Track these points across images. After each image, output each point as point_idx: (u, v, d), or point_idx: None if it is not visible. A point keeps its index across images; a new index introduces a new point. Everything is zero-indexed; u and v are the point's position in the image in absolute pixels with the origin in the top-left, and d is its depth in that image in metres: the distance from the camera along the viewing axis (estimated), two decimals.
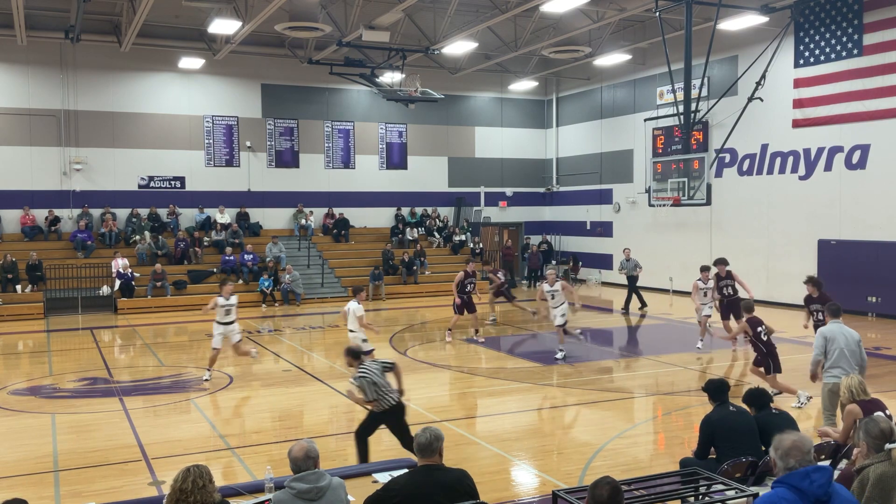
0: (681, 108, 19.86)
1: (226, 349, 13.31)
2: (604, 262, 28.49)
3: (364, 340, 12.07)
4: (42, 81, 23.68)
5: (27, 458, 8.85)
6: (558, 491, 5.34)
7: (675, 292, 24.50)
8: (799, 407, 9.97)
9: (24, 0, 18.77)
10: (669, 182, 21.37)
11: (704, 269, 15.61)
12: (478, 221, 29.81)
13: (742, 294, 14.80)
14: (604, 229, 28.57)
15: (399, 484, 4.96)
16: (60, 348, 16.62)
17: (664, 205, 22.09)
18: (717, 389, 6.83)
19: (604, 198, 28.51)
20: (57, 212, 23.90)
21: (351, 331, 12.45)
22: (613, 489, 4.08)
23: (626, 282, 21.74)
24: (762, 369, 10.84)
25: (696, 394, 11.60)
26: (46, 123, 23.74)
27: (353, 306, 12.40)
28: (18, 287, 21.39)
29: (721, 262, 15.63)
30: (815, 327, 11.71)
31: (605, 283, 28.11)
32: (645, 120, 25.45)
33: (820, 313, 11.44)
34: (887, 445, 4.72)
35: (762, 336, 10.64)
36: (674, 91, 19.86)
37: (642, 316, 20.50)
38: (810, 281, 12.54)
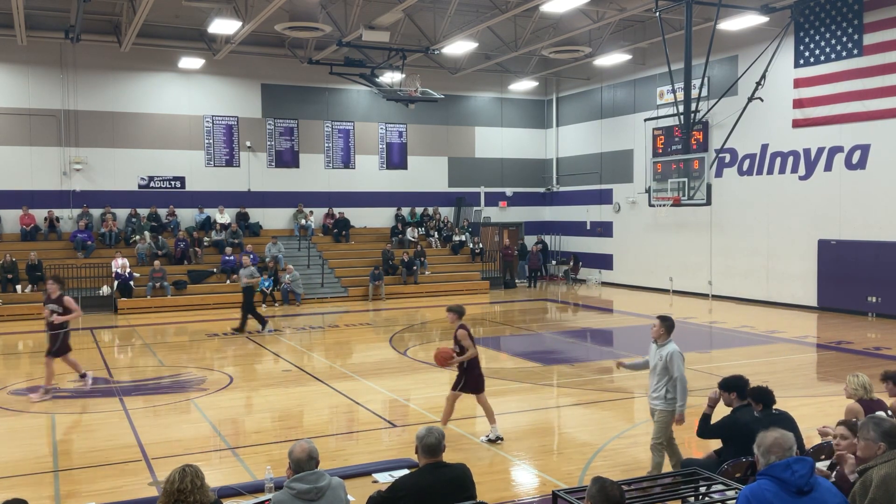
0: (681, 108, 19.85)
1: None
2: (604, 262, 28.49)
3: None
4: (42, 81, 23.68)
5: (27, 458, 8.84)
6: (558, 491, 5.33)
7: (675, 292, 24.50)
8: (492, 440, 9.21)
9: (24, 0, 18.77)
10: (669, 182, 21.35)
11: None
12: (478, 221, 29.80)
13: None
14: (604, 229, 28.56)
15: (407, 483, 5.01)
16: None
17: (664, 205, 22.06)
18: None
19: (604, 198, 28.50)
20: (57, 212, 23.89)
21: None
22: (620, 489, 4.09)
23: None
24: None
25: (697, 394, 11.59)
26: (46, 123, 23.73)
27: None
28: (18, 287, 21.38)
29: None
30: None
31: (605, 283, 28.10)
32: (645, 120, 25.44)
33: None
34: None
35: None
36: (674, 91, 19.85)
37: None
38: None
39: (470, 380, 9.44)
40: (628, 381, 12.91)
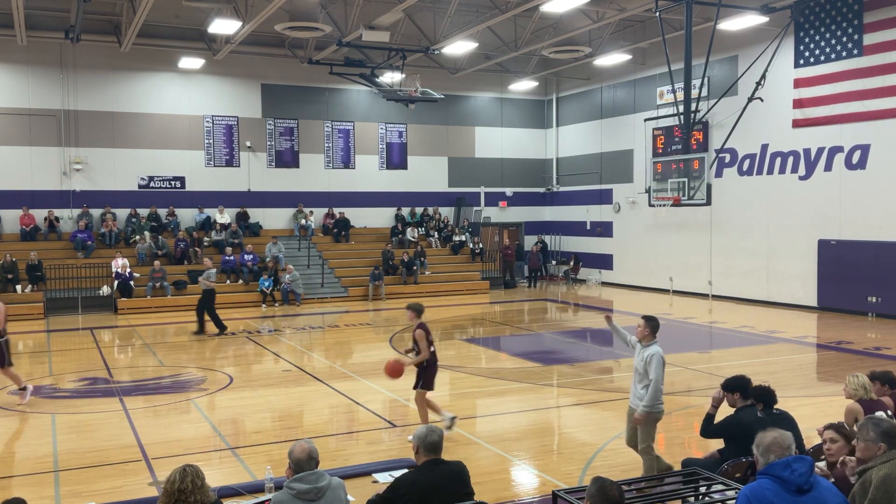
0: (681, 108, 19.85)
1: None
2: (604, 262, 28.49)
3: None
4: (42, 81, 23.68)
5: (27, 458, 8.84)
6: (558, 491, 5.34)
7: (675, 292, 24.50)
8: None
9: (25, 0, 18.77)
10: (669, 182, 21.36)
11: None
12: (478, 221, 29.81)
13: None
14: (604, 229, 28.57)
15: (409, 480, 5.03)
16: (60, 348, 16.62)
17: (664, 205, 22.06)
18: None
19: (604, 198, 28.51)
20: (57, 212, 23.89)
21: None
22: (619, 489, 4.10)
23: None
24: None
25: (697, 394, 11.60)
26: (46, 123, 23.74)
27: None
28: (18, 287, 21.38)
29: None
30: None
31: (605, 283, 28.10)
32: (645, 120, 25.44)
33: None
34: None
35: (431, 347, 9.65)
36: (674, 91, 19.86)
37: None
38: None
39: (428, 376, 9.50)
40: (628, 381, 12.90)
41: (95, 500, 6.88)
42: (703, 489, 5.75)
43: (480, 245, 28.55)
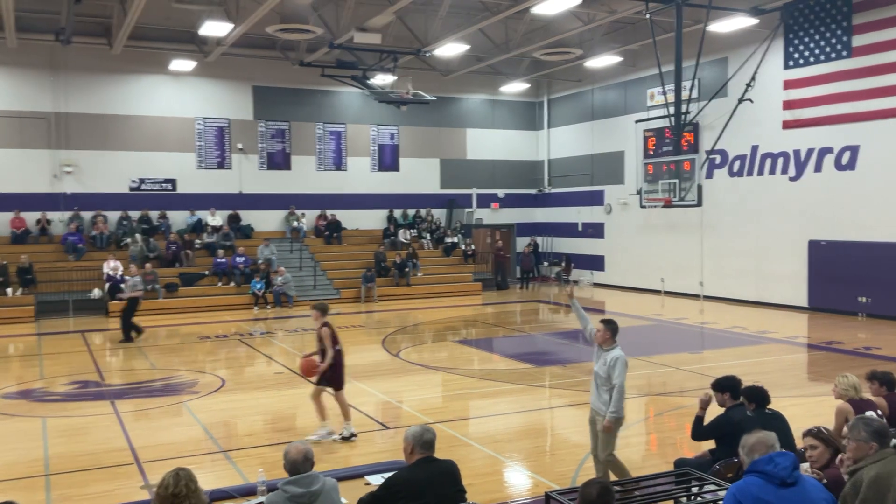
0: (671, 110, 19.93)
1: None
2: (595, 263, 28.55)
3: None
4: (32, 83, 23.59)
5: (18, 462, 8.81)
6: (551, 492, 5.36)
7: (667, 293, 24.57)
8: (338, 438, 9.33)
9: (15, 2, 18.70)
10: (660, 183, 21.45)
11: None
12: (470, 223, 29.83)
13: None
14: (595, 231, 28.63)
15: (402, 478, 5.05)
16: (51, 351, 16.54)
17: (655, 206, 22.15)
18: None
19: (595, 199, 28.57)
20: (48, 215, 23.79)
21: None
22: (603, 488, 4.15)
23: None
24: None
25: (689, 394, 11.64)
26: (37, 126, 23.63)
27: None
28: (9, 290, 21.28)
29: None
30: None
31: (597, 285, 28.16)
32: (636, 121, 25.52)
33: None
34: (894, 441, 4.72)
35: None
36: (664, 93, 19.94)
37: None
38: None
39: (332, 376, 9.47)
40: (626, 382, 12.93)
41: None
42: (695, 489, 5.77)
43: (473, 247, 28.57)
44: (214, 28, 20.52)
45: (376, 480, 5.95)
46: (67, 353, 16.27)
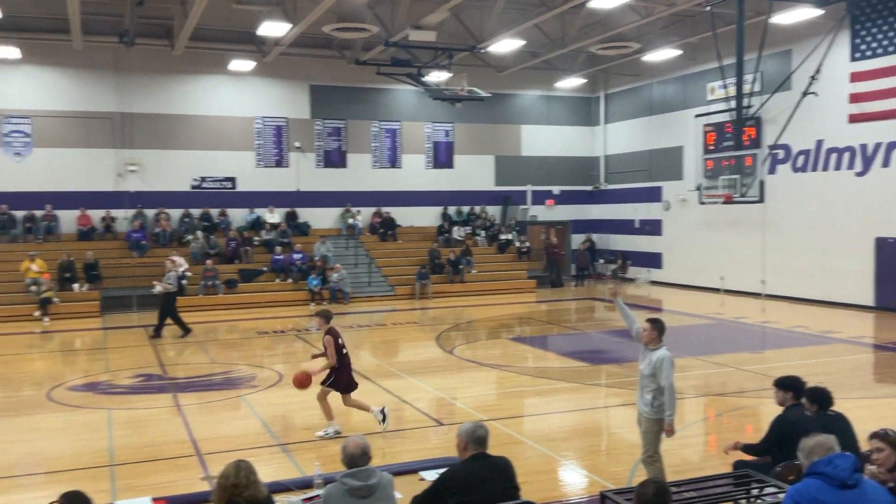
0: (732, 104, 19.49)
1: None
2: (653, 260, 28.14)
3: None
4: (97, 85, 24.28)
5: (84, 453, 9.08)
6: (606, 491, 5.30)
7: (727, 292, 24.08)
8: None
9: (81, 6, 19.26)
10: (721, 179, 21.00)
11: None
12: (524, 220, 29.69)
13: None
14: (653, 227, 28.21)
15: (454, 473, 5.07)
16: (116, 345, 17.02)
17: (715, 202, 21.71)
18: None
19: (653, 195, 28.15)
20: (112, 212, 24.47)
21: None
22: (659, 488, 4.10)
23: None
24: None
25: (750, 395, 11.38)
26: (101, 126, 24.33)
27: None
28: (76, 285, 21.96)
29: None
30: None
31: (654, 283, 27.75)
32: (695, 116, 25.02)
33: None
34: None
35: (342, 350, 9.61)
36: (725, 86, 19.51)
37: None
38: None
39: (339, 378, 9.49)
40: (678, 382, 12.72)
41: (150, 494, 7.02)
42: (755, 491, 5.65)
43: (527, 244, 28.42)
44: (272, 28, 20.82)
45: (430, 476, 5.97)
46: (132, 347, 16.72)
